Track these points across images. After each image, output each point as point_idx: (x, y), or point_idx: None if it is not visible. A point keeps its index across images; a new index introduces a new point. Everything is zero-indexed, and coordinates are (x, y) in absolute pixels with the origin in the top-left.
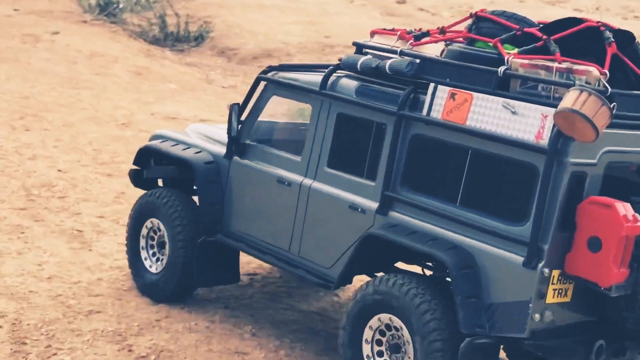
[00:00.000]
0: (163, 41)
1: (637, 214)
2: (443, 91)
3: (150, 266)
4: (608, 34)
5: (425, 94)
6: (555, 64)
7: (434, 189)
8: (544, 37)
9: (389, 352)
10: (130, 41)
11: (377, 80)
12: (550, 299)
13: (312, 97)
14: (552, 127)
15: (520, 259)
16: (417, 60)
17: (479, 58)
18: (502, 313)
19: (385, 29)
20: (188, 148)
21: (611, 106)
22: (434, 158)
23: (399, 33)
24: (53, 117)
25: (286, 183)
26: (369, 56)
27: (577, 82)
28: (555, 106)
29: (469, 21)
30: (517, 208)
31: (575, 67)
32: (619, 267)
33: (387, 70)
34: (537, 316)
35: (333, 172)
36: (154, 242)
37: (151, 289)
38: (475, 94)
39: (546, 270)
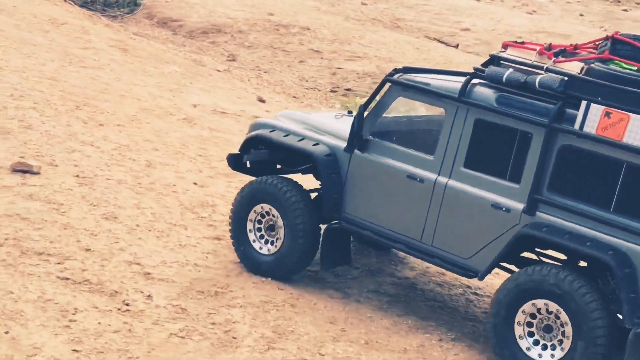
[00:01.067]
0: (92, 5)
1: None
2: (597, 109)
3: (261, 248)
4: None
5: (572, 109)
6: None
7: (584, 194)
8: None
9: (540, 332)
10: (65, 4)
11: (516, 92)
12: None
13: (447, 102)
14: None
15: None
16: (565, 78)
17: (626, 80)
18: None
19: (516, 42)
20: (302, 139)
21: None
22: (584, 167)
23: (538, 49)
24: (108, 107)
25: (418, 179)
26: (510, 70)
27: None
28: None
29: (602, 41)
30: None
31: None
32: None
33: (537, 86)
34: None
35: (471, 173)
36: (261, 226)
37: (265, 268)
38: (632, 115)
39: None
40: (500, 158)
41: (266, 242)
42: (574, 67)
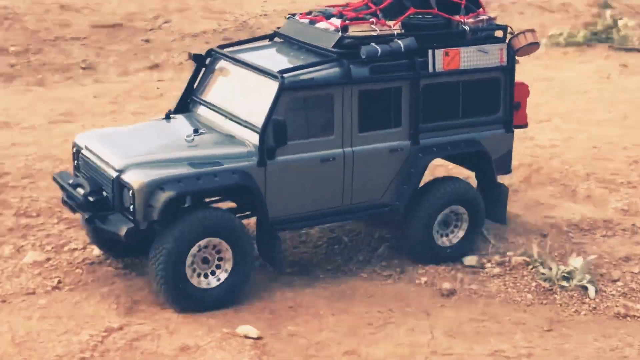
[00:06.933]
0: None
1: None
2: (439, 53)
3: (200, 283)
4: None
5: (421, 58)
6: (485, 17)
7: (443, 116)
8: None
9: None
10: None
11: (381, 60)
12: None
13: (335, 87)
14: (508, 54)
15: None
16: (412, 38)
17: (432, 25)
18: None
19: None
20: (215, 176)
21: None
22: (441, 96)
23: (373, 21)
24: None
25: (330, 159)
26: (372, 44)
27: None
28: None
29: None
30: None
31: (493, 16)
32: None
33: (403, 50)
34: None
35: (366, 134)
36: (195, 260)
37: (211, 301)
38: (460, 49)
39: None
40: (383, 113)
41: (205, 275)
42: (396, 27)
